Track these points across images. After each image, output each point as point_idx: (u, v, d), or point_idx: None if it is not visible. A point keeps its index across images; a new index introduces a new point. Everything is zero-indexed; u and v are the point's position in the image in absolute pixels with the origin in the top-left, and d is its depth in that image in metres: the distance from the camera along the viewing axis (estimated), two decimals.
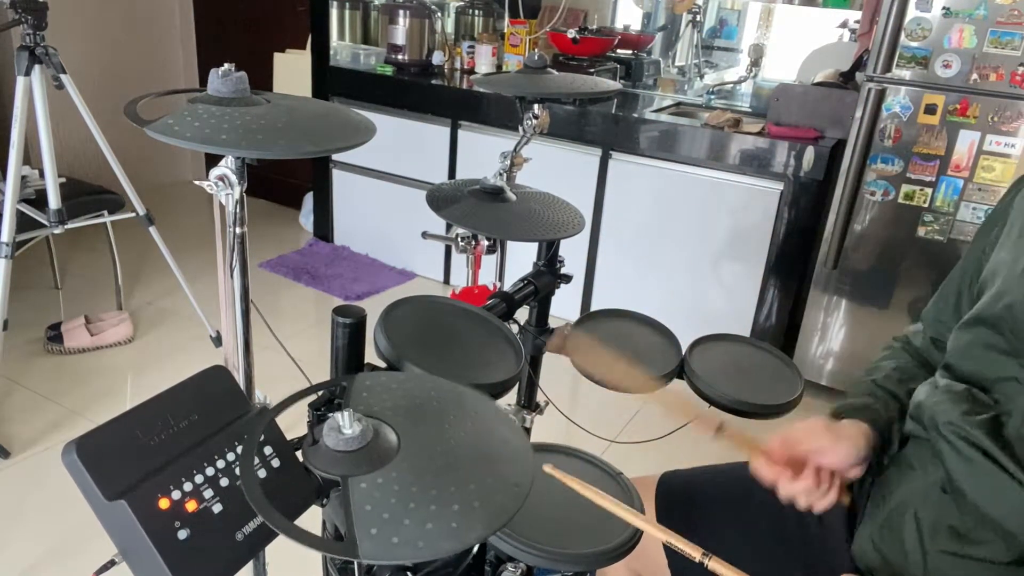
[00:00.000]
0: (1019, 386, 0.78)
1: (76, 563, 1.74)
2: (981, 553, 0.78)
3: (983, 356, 0.82)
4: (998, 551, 0.77)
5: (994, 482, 0.76)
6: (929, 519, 0.83)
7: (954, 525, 0.80)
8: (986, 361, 0.82)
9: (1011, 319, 0.78)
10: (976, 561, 0.79)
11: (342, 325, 0.86)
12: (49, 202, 2.23)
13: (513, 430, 0.73)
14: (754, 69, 3.10)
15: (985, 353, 0.82)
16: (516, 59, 3.22)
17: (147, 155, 3.90)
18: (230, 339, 1.10)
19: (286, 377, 1.33)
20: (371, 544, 0.58)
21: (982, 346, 0.82)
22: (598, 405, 2.48)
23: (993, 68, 2.15)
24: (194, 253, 3.23)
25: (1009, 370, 0.79)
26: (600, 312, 1.32)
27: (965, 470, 0.79)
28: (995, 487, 0.76)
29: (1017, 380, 0.78)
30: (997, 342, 0.80)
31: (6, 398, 2.32)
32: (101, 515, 0.61)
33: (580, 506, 0.90)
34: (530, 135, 1.44)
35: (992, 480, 0.76)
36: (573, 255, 2.87)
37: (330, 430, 0.65)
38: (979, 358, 0.83)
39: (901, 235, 2.39)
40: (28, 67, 2.08)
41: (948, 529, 0.81)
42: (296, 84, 3.51)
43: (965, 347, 0.85)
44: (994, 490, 0.76)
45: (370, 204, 3.48)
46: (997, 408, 0.79)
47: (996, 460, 0.76)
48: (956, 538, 0.80)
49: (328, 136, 0.92)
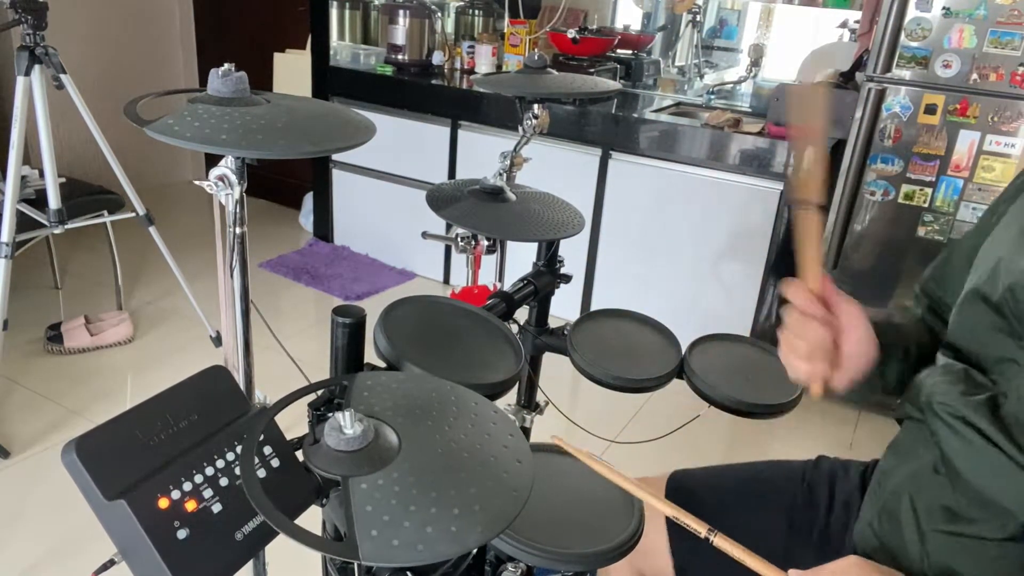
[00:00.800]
0: (1018, 367, 0.78)
1: (76, 563, 1.74)
2: (974, 531, 0.79)
3: (985, 336, 0.82)
4: (991, 528, 0.78)
5: (990, 461, 0.76)
6: (924, 501, 0.83)
7: (947, 505, 0.81)
8: (987, 341, 0.82)
9: (1013, 301, 0.78)
10: (970, 539, 0.79)
11: (342, 325, 0.86)
12: (49, 202, 2.23)
13: (513, 434, 0.73)
14: (754, 69, 3.10)
15: (987, 333, 0.82)
16: (516, 59, 3.22)
17: (147, 155, 3.90)
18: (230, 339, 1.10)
19: (286, 377, 1.33)
20: (371, 545, 0.58)
21: (984, 326, 0.82)
22: (598, 405, 2.48)
23: (993, 68, 2.15)
24: (194, 253, 3.23)
25: (1009, 351, 0.79)
26: (600, 312, 1.32)
27: (961, 450, 0.79)
28: (991, 466, 0.76)
29: (1016, 362, 0.78)
30: (999, 323, 0.80)
31: (6, 398, 2.32)
32: (101, 515, 0.61)
33: (580, 506, 0.90)
34: (530, 135, 1.44)
35: (988, 459, 0.76)
36: (573, 255, 2.87)
37: (331, 430, 0.65)
38: (980, 337, 0.83)
39: (901, 235, 2.39)
40: (28, 67, 2.08)
41: (942, 509, 0.81)
42: (296, 84, 3.51)
43: (967, 326, 0.85)
44: (989, 469, 0.77)
45: (370, 204, 3.48)
46: (994, 388, 0.79)
47: (992, 440, 0.76)
48: (950, 518, 0.80)
49: (328, 136, 0.92)
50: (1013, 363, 0.78)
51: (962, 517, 0.80)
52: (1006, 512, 0.76)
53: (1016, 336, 0.78)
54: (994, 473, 0.76)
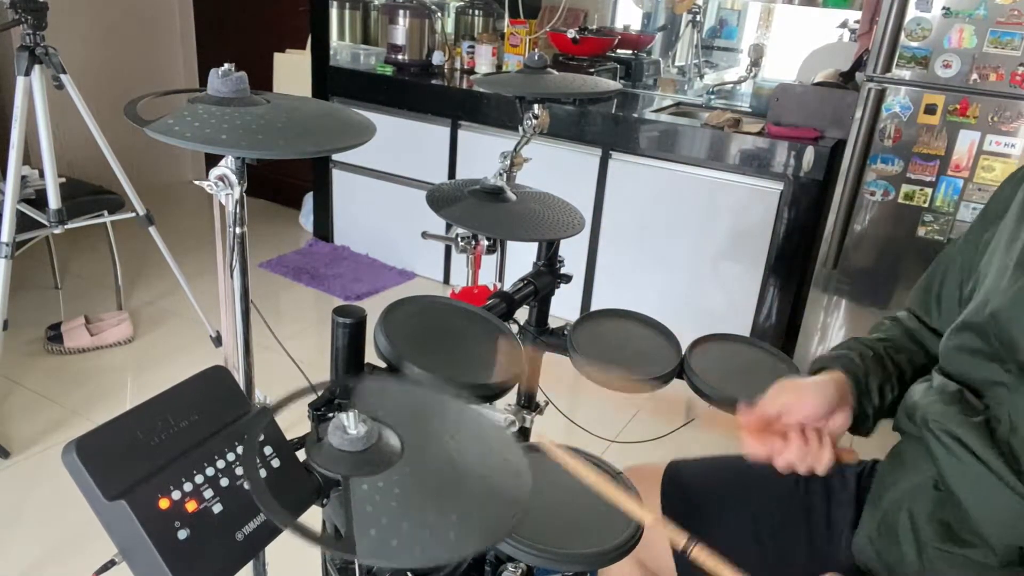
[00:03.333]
0: (1007, 392, 0.78)
1: (76, 563, 1.74)
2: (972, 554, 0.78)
3: (971, 361, 0.82)
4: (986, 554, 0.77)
5: (983, 484, 0.76)
6: (923, 516, 0.83)
7: (947, 522, 0.81)
8: (974, 366, 0.82)
9: (995, 326, 0.79)
10: (969, 560, 0.79)
11: (342, 325, 0.86)
12: (49, 202, 2.23)
13: (512, 447, 0.73)
14: (754, 69, 3.10)
15: (972, 359, 0.82)
16: (516, 59, 3.22)
17: (147, 155, 3.90)
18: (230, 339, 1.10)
19: (286, 377, 1.33)
20: (369, 544, 0.58)
21: (969, 351, 0.82)
22: (598, 405, 2.48)
23: (993, 68, 2.15)
24: (194, 253, 3.23)
25: (997, 375, 0.79)
26: (600, 312, 1.32)
27: (956, 470, 0.79)
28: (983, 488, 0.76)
29: (1005, 386, 0.78)
30: (983, 348, 0.80)
31: (6, 398, 2.32)
32: (101, 515, 0.61)
33: (580, 506, 0.90)
34: (530, 135, 1.44)
35: (981, 482, 0.76)
36: (573, 255, 2.86)
37: (335, 429, 0.66)
38: (967, 363, 0.83)
39: (901, 235, 2.39)
40: (28, 67, 2.08)
41: (941, 526, 0.81)
42: (296, 84, 3.51)
43: (954, 351, 0.85)
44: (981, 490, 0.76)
45: (370, 204, 3.48)
46: (987, 412, 0.79)
47: (986, 463, 0.76)
48: (949, 536, 0.80)
49: (328, 136, 0.92)
50: (1003, 387, 0.78)
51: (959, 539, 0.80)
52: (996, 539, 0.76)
53: (1001, 361, 0.78)
54: (985, 495, 0.76)
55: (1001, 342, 0.78)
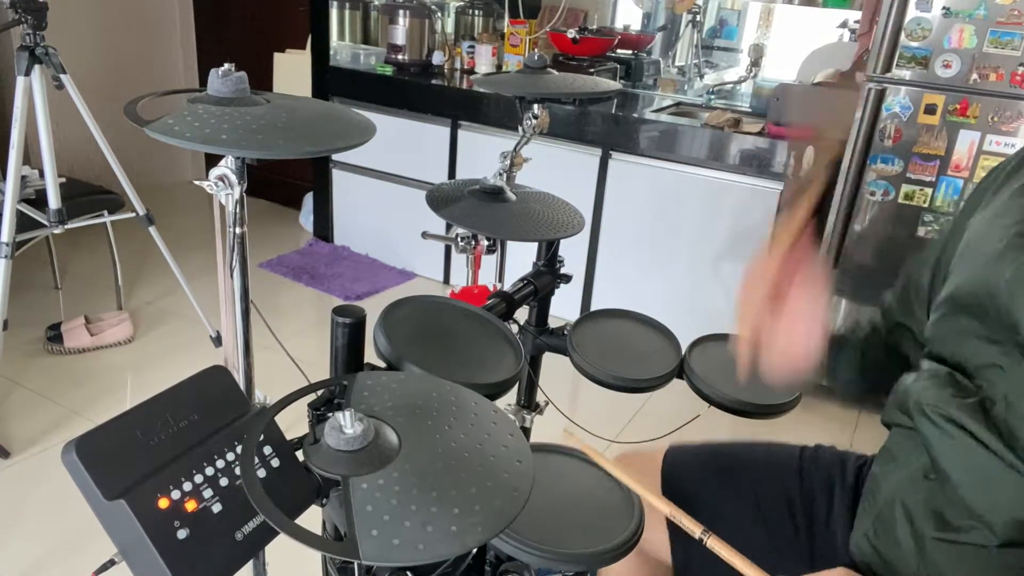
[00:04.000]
0: (1002, 372, 0.77)
1: (76, 563, 1.74)
2: (969, 538, 0.78)
3: (965, 343, 0.82)
4: (985, 535, 0.77)
5: (980, 463, 0.76)
6: (917, 507, 0.83)
7: (941, 511, 0.81)
8: (968, 348, 0.81)
9: (991, 306, 0.78)
10: (967, 546, 0.79)
11: (342, 325, 0.86)
12: (49, 202, 2.23)
13: (512, 434, 0.73)
14: (754, 69, 3.10)
15: (967, 340, 0.81)
16: (516, 59, 3.22)
17: (147, 155, 3.89)
18: (230, 339, 1.10)
19: (286, 377, 1.33)
20: (372, 545, 0.58)
21: (963, 333, 0.82)
22: (598, 405, 2.48)
23: (993, 68, 2.15)
24: (194, 253, 3.23)
25: (991, 356, 0.78)
26: (600, 312, 1.32)
27: (951, 453, 0.78)
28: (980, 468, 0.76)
29: (999, 367, 0.78)
30: (977, 329, 0.80)
31: (6, 398, 2.32)
32: (101, 515, 0.61)
33: (580, 506, 0.90)
34: (530, 135, 1.44)
35: (978, 461, 0.76)
36: (573, 255, 2.86)
37: (331, 429, 0.65)
38: (961, 345, 0.82)
39: (901, 235, 2.39)
40: (28, 67, 2.08)
41: (935, 515, 0.81)
42: (296, 84, 3.51)
43: (946, 334, 0.85)
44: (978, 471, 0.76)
45: (370, 204, 3.48)
46: (980, 393, 0.79)
47: (984, 442, 0.76)
48: (944, 524, 0.80)
49: (328, 136, 0.92)
50: (997, 368, 0.78)
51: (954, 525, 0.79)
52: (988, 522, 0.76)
53: (997, 342, 0.78)
54: (983, 475, 0.76)
55: (997, 321, 0.78)
